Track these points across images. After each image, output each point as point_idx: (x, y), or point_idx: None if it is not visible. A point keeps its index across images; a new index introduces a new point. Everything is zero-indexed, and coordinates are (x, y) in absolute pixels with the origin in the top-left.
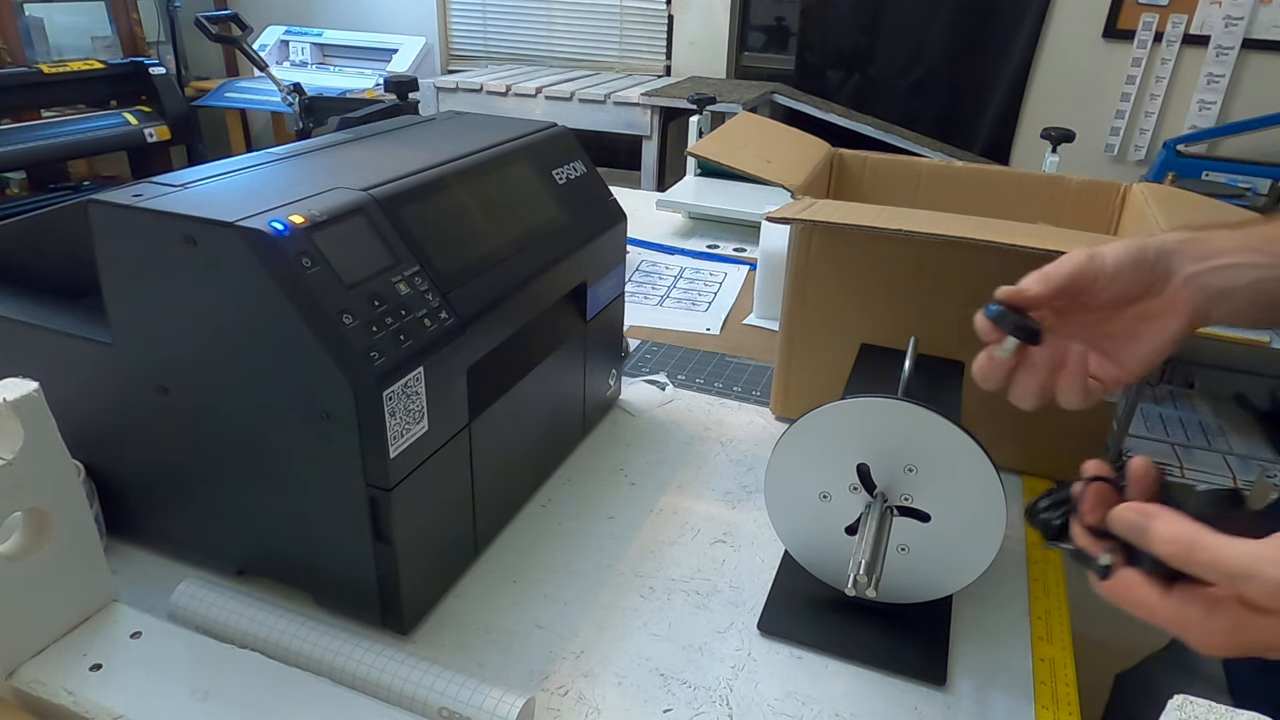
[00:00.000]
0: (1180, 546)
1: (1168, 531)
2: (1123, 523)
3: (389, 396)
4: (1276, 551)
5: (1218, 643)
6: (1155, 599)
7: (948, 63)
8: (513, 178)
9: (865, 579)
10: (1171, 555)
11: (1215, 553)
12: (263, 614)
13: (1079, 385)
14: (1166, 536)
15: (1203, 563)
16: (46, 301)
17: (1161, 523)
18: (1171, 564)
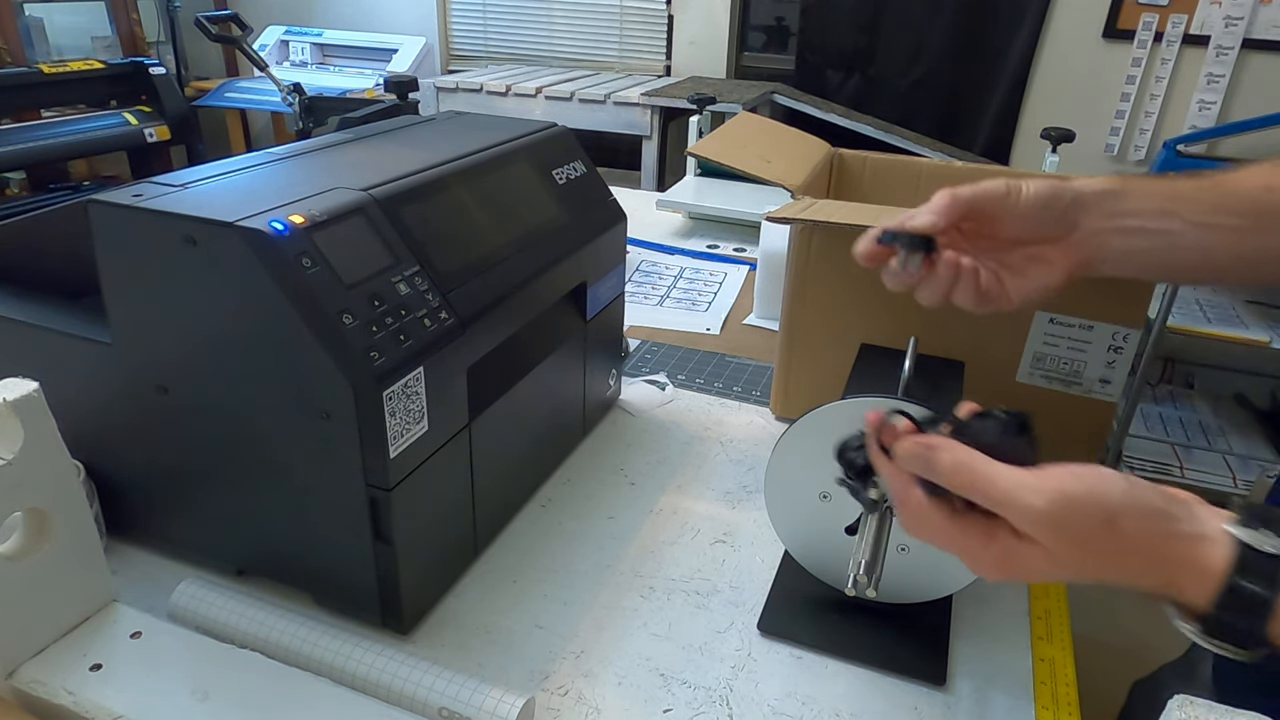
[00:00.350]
0: (959, 474)
1: (948, 461)
2: (907, 454)
3: (389, 396)
4: (1040, 481)
5: (987, 569)
6: (943, 526)
7: (948, 63)
8: (513, 178)
9: (865, 579)
10: (951, 483)
11: (987, 480)
12: (263, 614)
13: (972, 290)
14: (946, 466)
15: (977, 489)
16: (46, 301)
17: (943, 453)
18: (952, 491)
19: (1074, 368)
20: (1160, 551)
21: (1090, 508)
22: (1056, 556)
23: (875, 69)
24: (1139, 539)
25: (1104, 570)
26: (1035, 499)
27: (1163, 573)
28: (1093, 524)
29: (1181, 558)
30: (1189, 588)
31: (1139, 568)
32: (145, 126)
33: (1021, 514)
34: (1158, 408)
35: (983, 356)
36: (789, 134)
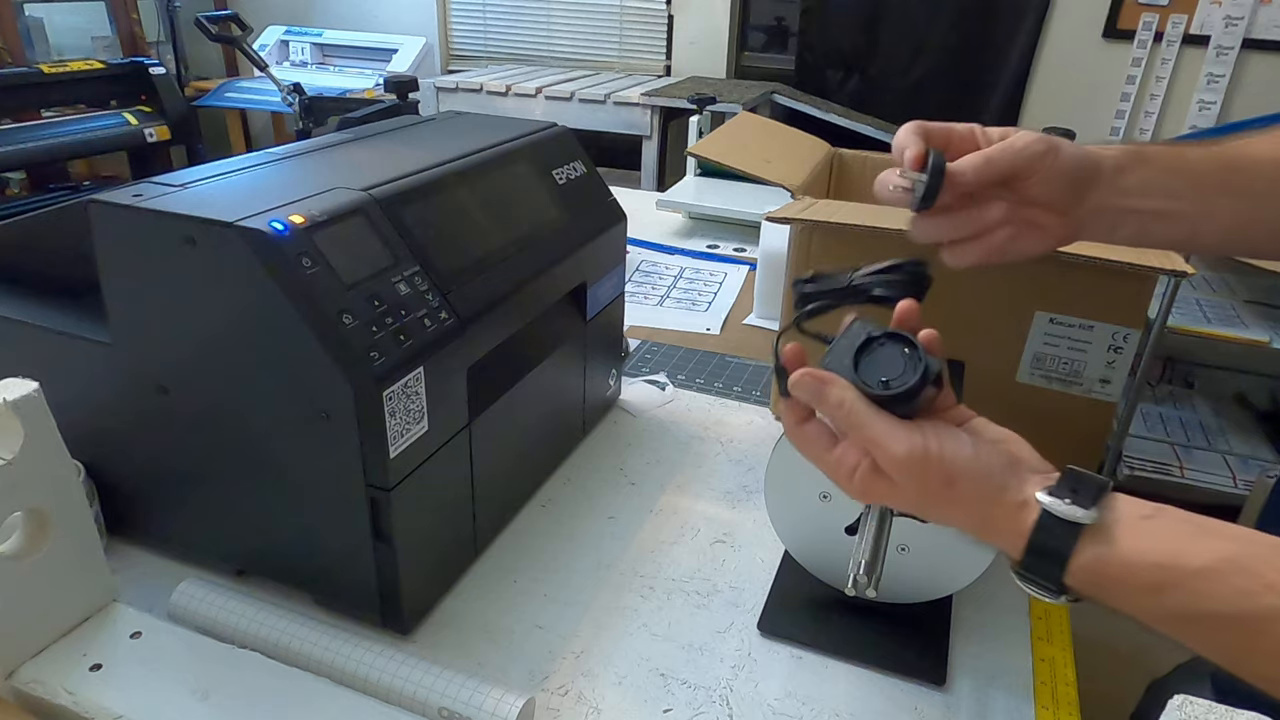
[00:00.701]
0: (841, 410)
1: (834, 397)
2: (801, 387)
3: (389, 396)
4: (906, 433)
5: (851, 490)
6: (826, 449)
7: (948, 63)
8: (513, 178)
9: (865, 579)
10: (834, 417)
11: (864, 422)
12: (263, 614)
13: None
14: (832, 401)
15: (853, 426)
16: (46, 301)
17: (832, 389)
18: (833, 424)
19: (1074, 368)
20: (986, 513)
21: (937, 466)
22: (904, 494)
23: (875, 69)
24: (971, 500)
25: (939, 516)
26: (896, 446)
27: (986, 530)
28: (936, 481)
29: (1001, 520)
30: (1006, 544)
31: (967, 523)
32: (145, 126)
33: (882, 455)
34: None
35: (983, 356)
36: (789, 134)
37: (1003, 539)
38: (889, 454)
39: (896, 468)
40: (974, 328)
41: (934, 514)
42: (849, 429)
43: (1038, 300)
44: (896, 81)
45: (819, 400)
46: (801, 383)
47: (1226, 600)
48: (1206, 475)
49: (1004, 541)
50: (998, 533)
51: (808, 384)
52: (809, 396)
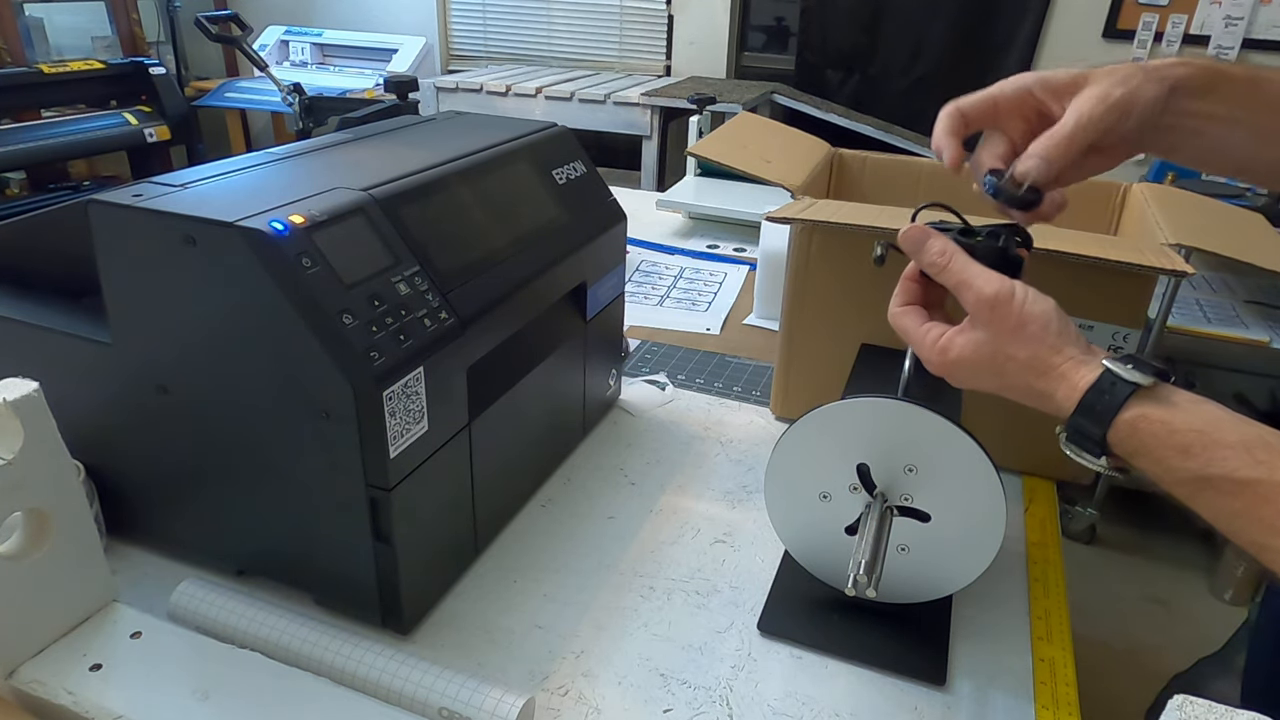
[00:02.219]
0: (943, 259)
1: (938, 245)
2: (909, 238)
3: (389, 396)
4: (996, 276)
5: (936, 360)
6: (917, 325)
7: (948, 63)
8: (513, 178)
9: (865, 579)
10: (936, 263)
11: (962, 266)
12: (263, 614)
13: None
14: (936, 249)
15: (951, 270)
16: (46, 301)
17: (934, 240)
18: (932, 273)
19: None
20: (1047, 361)
21: (1017, 309)
22: (979, 347)
23: (875, 69)
24: (1037, 343)
25: (1006, 362)
26: (987, 286)
27: (1043, 379)
28: (1012, 322)
29: (1060, 373)
30: (1059, 398)
31: (1027, 373)
32: (145, 126)
33: (971, 295)
34: None
35: None
36: (789, 134)
37: (1056, 392)
38: (979, 292)
39: (981, 306)
40: None
41: (1003, 361)
42: (946, 274)
43: None
44: (896, 81)
45: (922, 249)
46: (910, 234)
47: (1245, 468)
48: None
49: (1058, 393)
50: (1053, 385)
51: (915, 235)
52: (913, 246)
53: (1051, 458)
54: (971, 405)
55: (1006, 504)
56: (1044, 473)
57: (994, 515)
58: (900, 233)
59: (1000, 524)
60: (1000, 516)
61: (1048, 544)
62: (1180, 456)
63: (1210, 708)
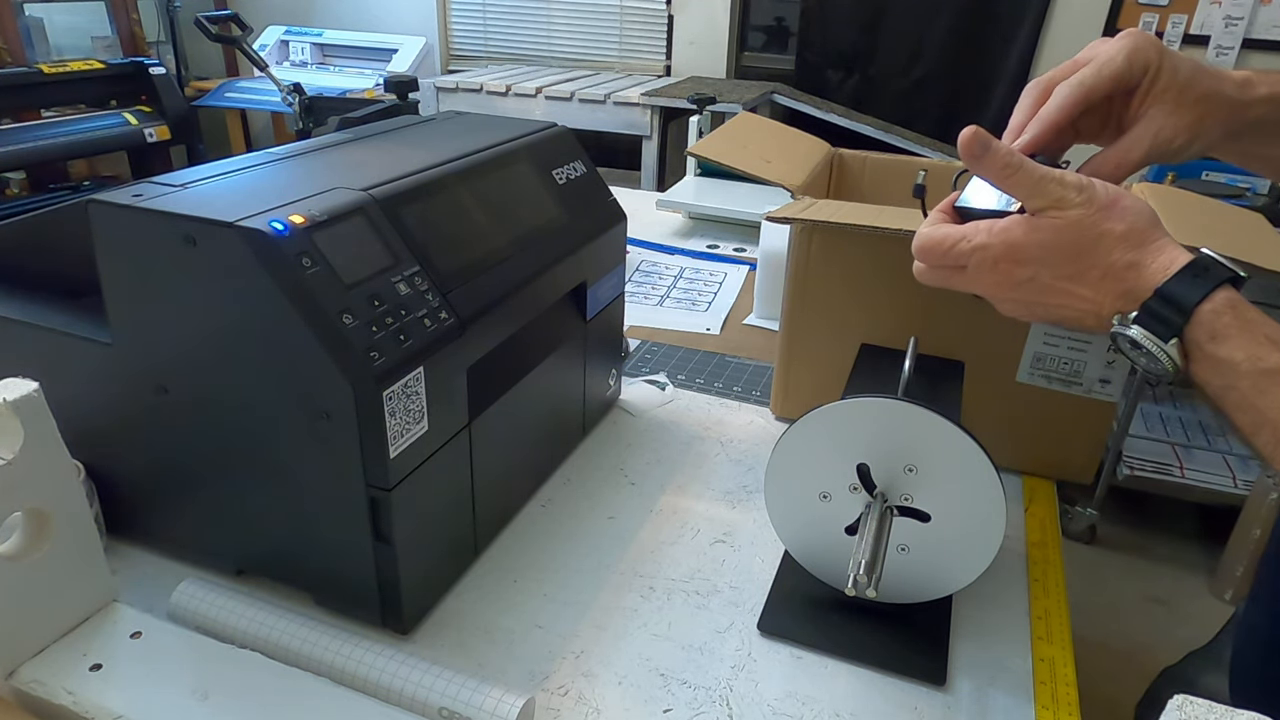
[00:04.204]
0: (1014, 158)
1: (1004, 150)
2: (967, 143)
3: (389, 396)
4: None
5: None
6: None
7: (948, 63)
8: (513, 178)
9: (865, 579)
10: (1005, 167)
11: (1033, 164)
12: (263, 614)
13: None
14: (1004, 152)
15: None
16: (46, 301)
17: (1000, 145)
18: (1002, 177)
19: (1074, 368)
20: (1146, 232)
21: (1103, 191)
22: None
23: (875, 69)
24: (1133, 218)
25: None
26: (1070, 175)
27: (1142, 250)
28: (1104, 198)
29: (1160, 244)
30: (1158, 264)
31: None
32: (145, 126)
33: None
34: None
35: (983, 356)
36: (789, 134)
37: (1154, 261)
38: (1063, 179)
39: (1069, 189)
40: (974, 328)
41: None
42: (1021, 173)
43: None
44: (896, 81)
45: (988, 153)
46: (970, 138)
47: None
48: (1206, 475)
49: (1155, 262)
50: (1150, 255)
51: (978, 139)
52: (976, 151)
53: (1052, 458)
54: (971, 405)
55: (1006, 504)
56: (1044, 473)
57: (994, 515)
58: (960, 137)
59: (1000, 524)
60: (1000, 516)
61: (1048, 544)
62: (1271, 346)
63: (1210, 708)
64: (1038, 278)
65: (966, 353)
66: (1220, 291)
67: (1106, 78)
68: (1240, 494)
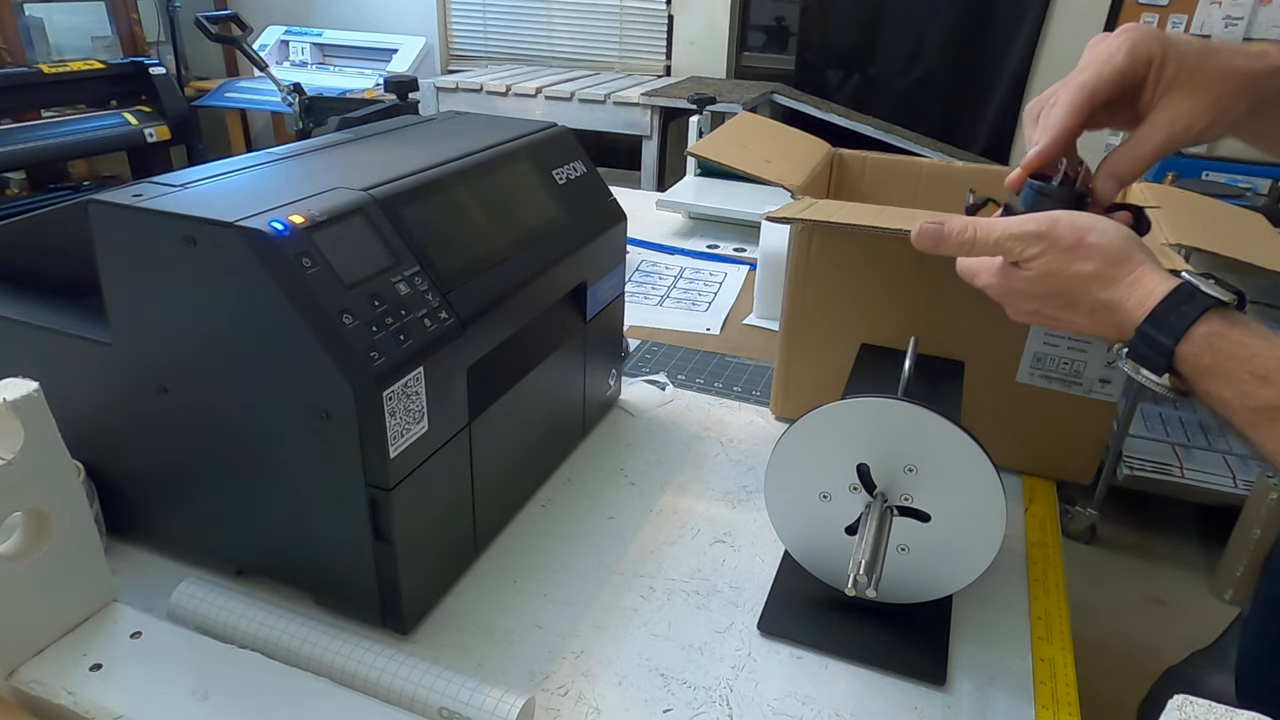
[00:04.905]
0: (967, 232)
1: (955, 225)
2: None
3: (389, 396)
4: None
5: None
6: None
7: (948, 63)
8: (513, 178)
9: (865, 579)
10: (963, 244)
11: (988, 226)
12: (263, 614)
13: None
14: (955, 229)
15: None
16: (46, 301)
17: (950, 223)
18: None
19: (1074, 368)
20: (1115, 269)
21: (1068, 226)
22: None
23: (875, 69)
24: (1101, 254)
25: (1069, 281)
26: (1027, 223)
27: (1114, 288)
28: (1069, 238)
29: (1134, 277)
30: (1133, 302)
31: (1096, 276)
32: (145, 126)
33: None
34: (1158, 408)
35: (983, 356)
36: (789, 134)
37: (1128, 300)
38: (1021, 231)
39: (1030, 241)
40: (974, 328)
41: (1063, 281)
42: (979, 241)
43: None
44: (896, 81)
45: (941, 239)
46: (921, 233)
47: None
48: (1206, 475)
49: (1129, 301)
50: (1123, 292)
51: (926, 231)
52: (931, 242)
53: (1052, 458)
54: (971, 405)
55: (1006, 504)
56: (1044, 473)
57: (994, 515)
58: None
59: (1000, 524)
60: (1000, 516)
61: (1048, 544)
62: (1258, 382)
63: (1210, 708)
64: (1040, 310)
65: (966, 353)
66: (1200, 327)
67: (1109, 77)
68: (1240, 494)
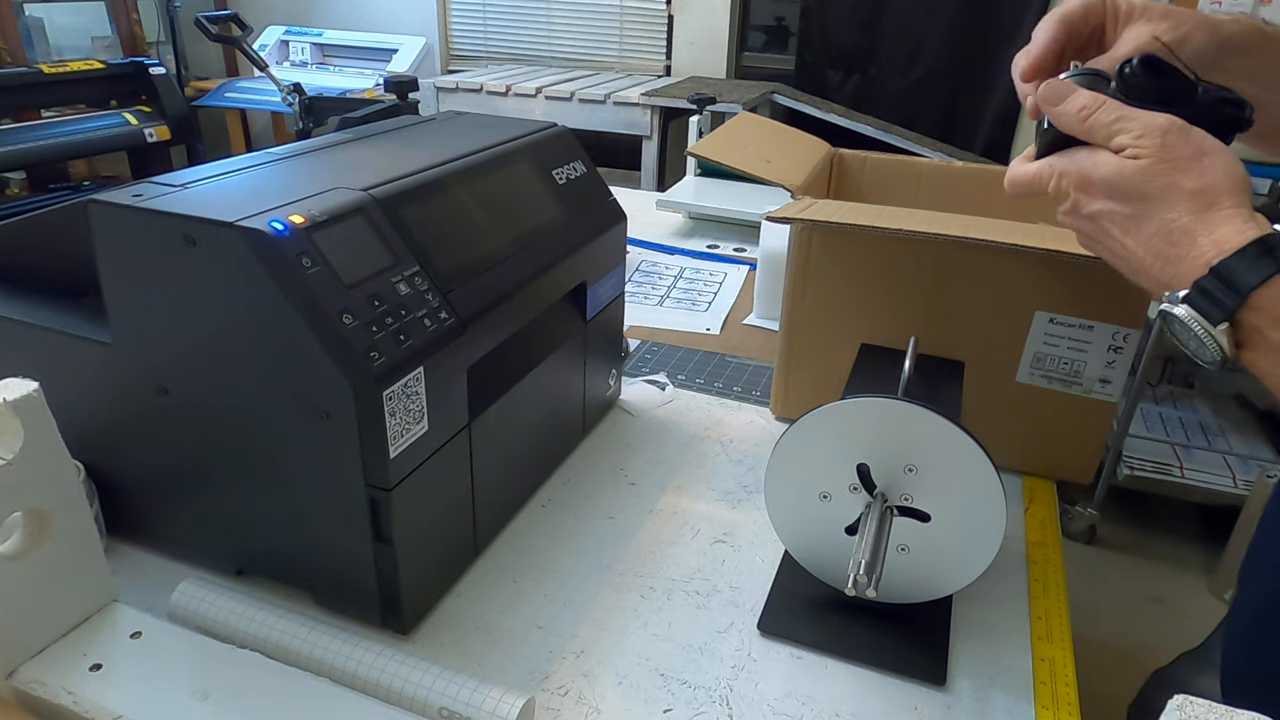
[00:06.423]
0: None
1: (1083, 97)
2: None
3: (389, 396)
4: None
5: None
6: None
7: (948, 63)
8: (513, 178)
9: (865, 579)
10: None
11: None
12: (263, 614)
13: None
14: (1082, 99)
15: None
16: (46, 301)
17: (1080, 93)
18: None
19: (1074, 368)
20: (1217, 197)
21: (1193, 136)
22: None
23: (875, 69)
24: (1212, 176)
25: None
26: (1156, 118)
27: (1205, 218)
28: (1189, 148)
29: (1227, 212)
30: (1219, 235)
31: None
32: (145, 126)
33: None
34: (1158, 408)
35: (983, 356)
36: (789, 134)
37: (1214, 231)
38: (1146, 123)
39: (1151, 133)
40: (974, 328)
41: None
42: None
43: (1038, 300)
44: (896, 81)
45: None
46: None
47: None
48: (1206, 475)
49: (1215, 233)
50: (1213, 225)
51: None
52: (1053, 98)
53: (1052, 458)
54: (971, 405)
55: (1006, 504)
56: (1044, 473)
57: (994, 515)
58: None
59: (1000, 524)
60: (1000, 516)
61: (1048, 544)
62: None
63: (1210, 708)
64: (1104, 212)
65: (966, 353)
66: (1273, 283)
67: (1079, 2)
68: (1240, 494)
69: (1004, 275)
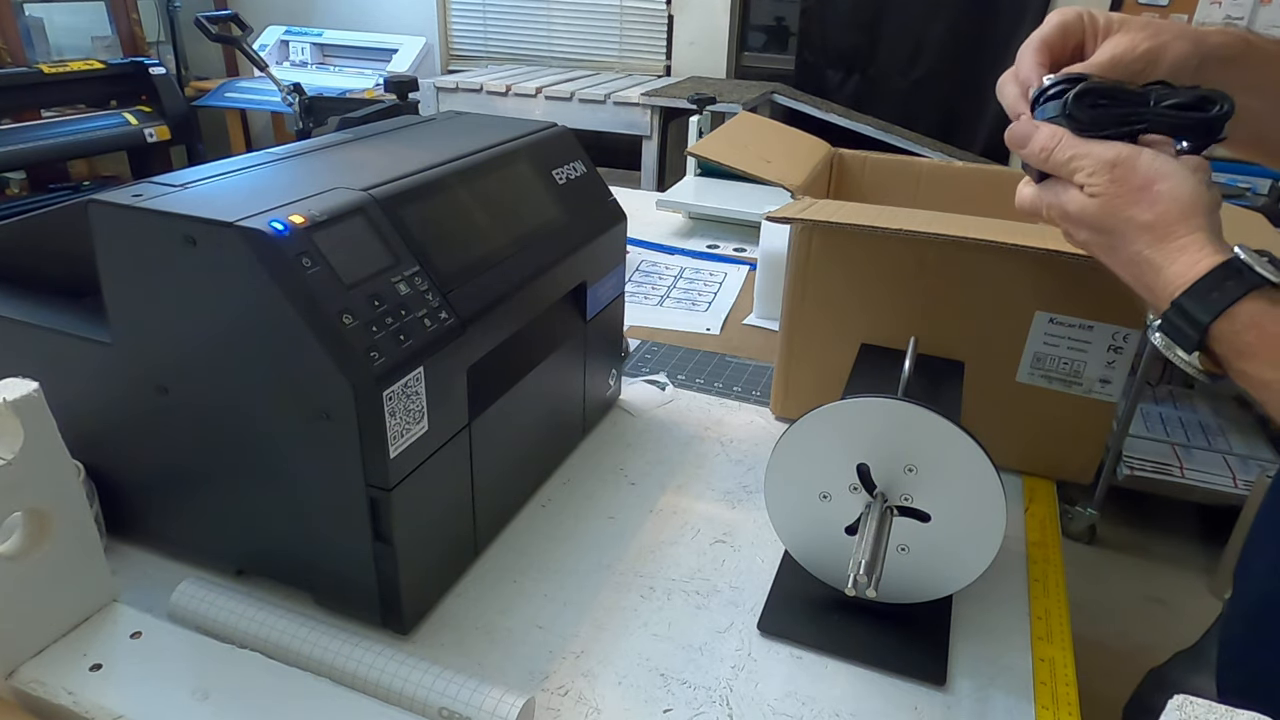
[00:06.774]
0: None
1: (1044, 134)
2: (1013, 135)
3: (389, 396)
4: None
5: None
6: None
7: (948, 63)
8: (513, 178)
9: (865, 579)
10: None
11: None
12: (263, 614)
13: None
14: (1044, 137)
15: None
16: (46, 301)
17: (1041, 130)
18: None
19: (1074, 368)
20: (1172, 227)
21: (1140, 166)
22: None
23: (875, 69)
24: (1163, 206)
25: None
26: (1105, 151)
27: (1161, 249)
28: (1136, 179)
29: (1184, 242)
30: (1175, 270)
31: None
32: (145, 126)
33: (1089, 160)
34: (1158, 408)
35: (983, 356)
36: (789, 134)
37: (1170, 266)
38: (1096, 159)
39: (1100, 170)
40: (974, 328)
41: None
42: (1054, 157)
43: (1038, 300)
44: (896, 81)
45: (1029, 141)
46: (1014, 131)
47: None
48: (1206, 475)
49: (1171, 267)
50: (1169, 257)
51: (1020, 130)
52: (1019, 141)
53: (1052, 458)
54: (971, 405)
55: (1006, 504)
56: (1044, 473)
57: (994, 515)
58: (1006, 131)
59: (1000, 524)
60: (1000, 516)
61: (1048, 544)
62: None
63: (1210, 708)
64: (1089, 243)
65: (966, 353)
66: (1245, 304)
67: (1055, 25)
68: (1240, 494)
69: (1004, 275)
